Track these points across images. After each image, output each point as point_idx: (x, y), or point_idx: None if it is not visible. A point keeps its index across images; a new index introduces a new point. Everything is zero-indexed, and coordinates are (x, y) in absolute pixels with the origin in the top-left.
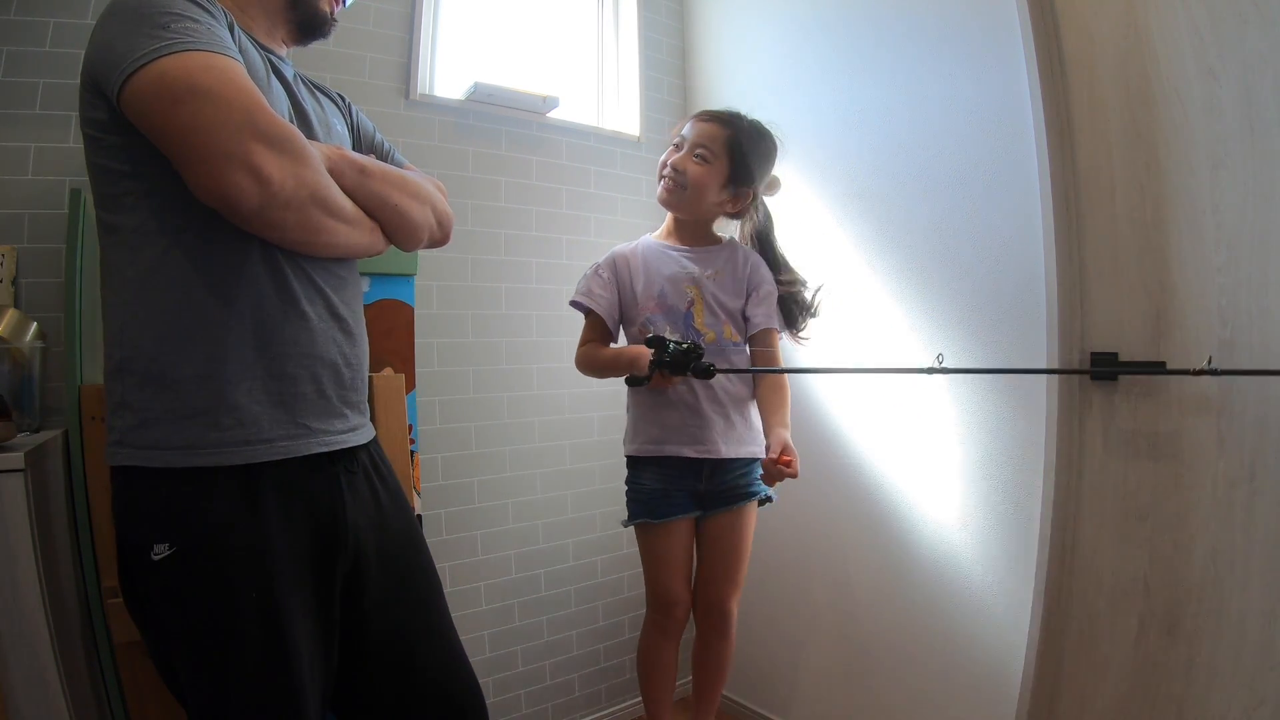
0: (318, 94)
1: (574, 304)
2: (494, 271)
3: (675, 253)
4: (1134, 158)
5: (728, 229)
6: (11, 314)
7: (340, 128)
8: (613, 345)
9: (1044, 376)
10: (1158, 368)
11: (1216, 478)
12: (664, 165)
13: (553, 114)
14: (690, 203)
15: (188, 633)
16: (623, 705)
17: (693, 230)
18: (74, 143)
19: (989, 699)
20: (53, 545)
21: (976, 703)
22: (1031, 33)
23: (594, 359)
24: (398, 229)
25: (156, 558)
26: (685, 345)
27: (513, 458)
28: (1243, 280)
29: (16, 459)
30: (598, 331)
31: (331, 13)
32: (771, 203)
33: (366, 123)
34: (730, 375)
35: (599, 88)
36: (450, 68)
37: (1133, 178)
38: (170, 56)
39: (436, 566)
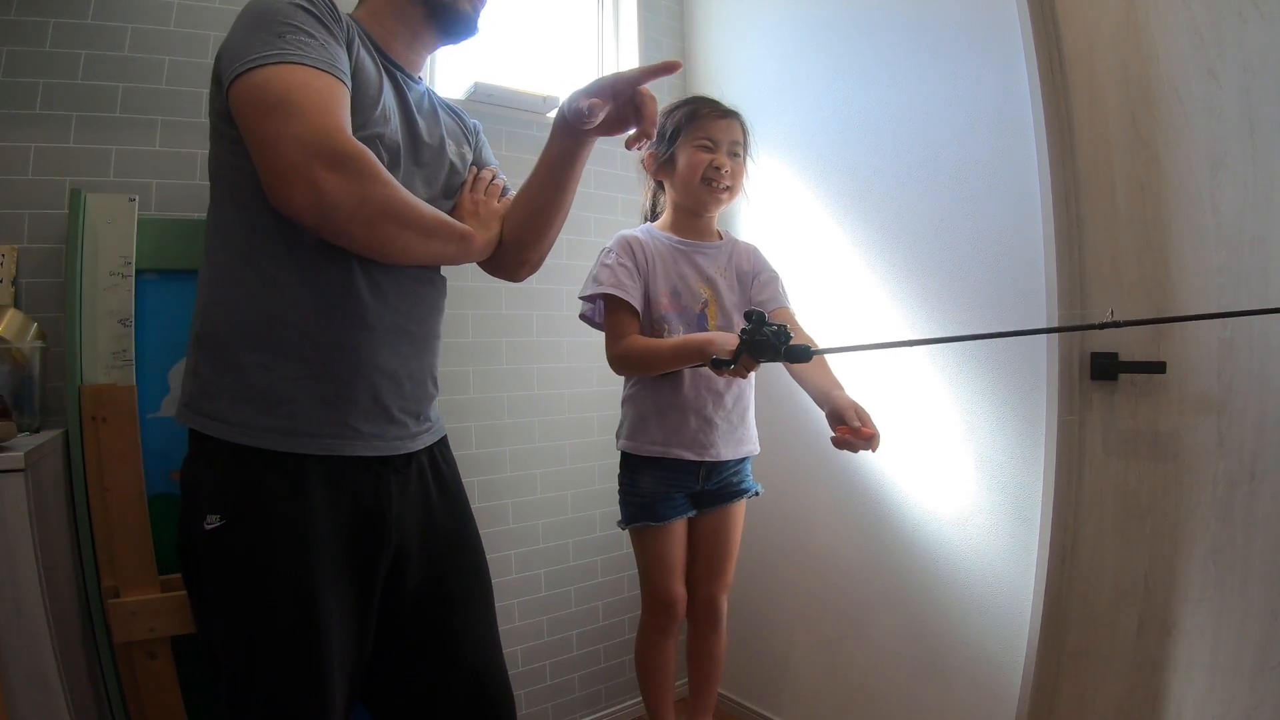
0: (442, 115)
1: (603, 297)
2: None
3: (686, 248)
4: (1134, 158)
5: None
6: (11, 314)
7: (451, 153)
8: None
9: (1043, 376)
10: (1158, 368)
11: (1216, 478)
12: (701, 166)
13: (552, 114)
14: (734, 200)
15: (226, 602)
16: (622, 705)
17: (701, 225)
18: (74, 143)
19: (989, 699)
20: (53, 545)
21: (976, 703)
22: (1031, 32)
23: (651, 351)
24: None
25: (208, 528)
26: (775, 326)
27: (513, 458)
28: (1243, 280)
29: (16, 459)
30: (634, 323)
31: (474, 11)
32: (771, 201)
33: (485, 156)
34: (739, 381)
35: None
36: (450, 68)
37: (1133, 178)
38: (273, 66)
39: None
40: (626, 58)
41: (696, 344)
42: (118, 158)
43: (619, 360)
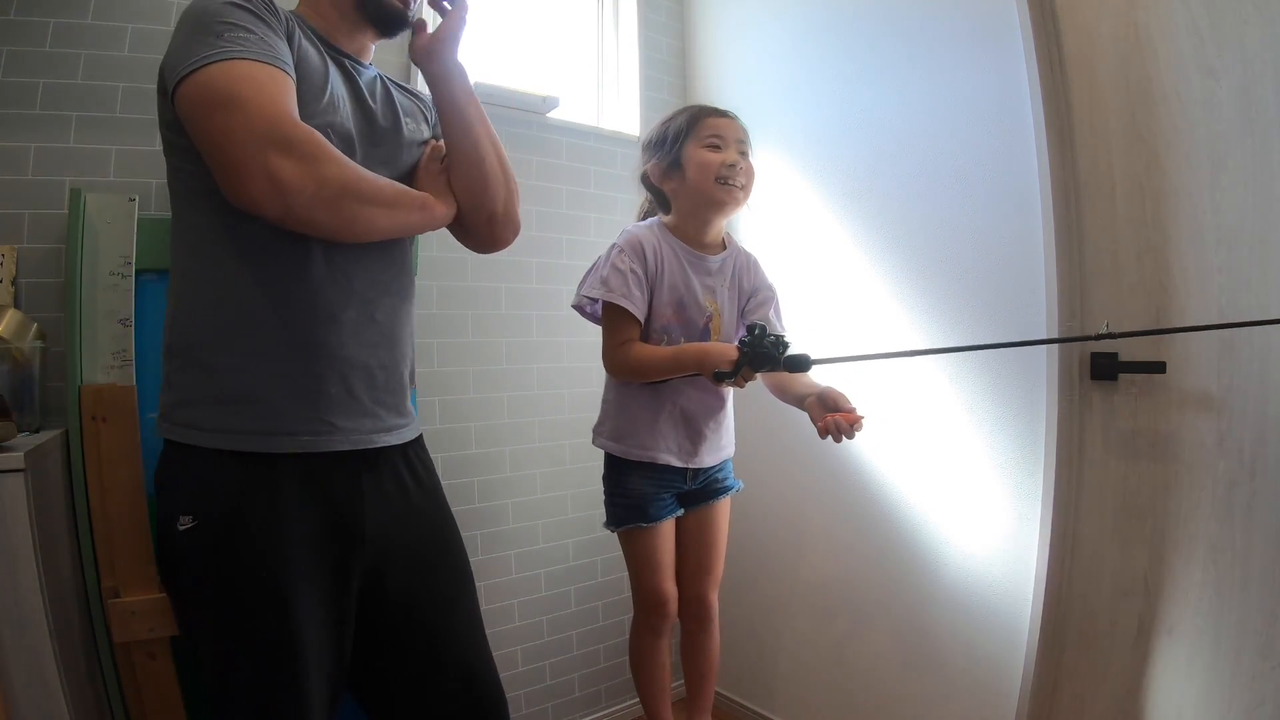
0: (397, 96)
1: (609, 303)
2: (494, 271)
3: (696, 259)
4: (1134, 158)
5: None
6: (11, 314)
7: (409, 131)
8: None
9: (1043, 375)
10: (1158, 368)
11: (1216, 478)
12: (713, 165)
13: (552, 114)
14: (747, 200)
15: (203, 602)
16: (622, 705)
17: (711, 234)
18: (74, 143)
19: (989, 699)
20: (53, 545)
21: (976, 701)
22: (1031, 32)
23: (651, 360)
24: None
25: (182, 528)
26: (773, 337)
27: (513, 458)
28: (1243, 280)
29: (16, 459)
30: (636, 330)
31: (404, 5)
32: (771, 202)
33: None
34: (722, 391)
35: (599, 88)
36: None
37: (1133, 178)
38: (216, 64)
39: None
40: (626, 58)
41: (693, 354)
42: (118, 158)
43: (618, 367)
